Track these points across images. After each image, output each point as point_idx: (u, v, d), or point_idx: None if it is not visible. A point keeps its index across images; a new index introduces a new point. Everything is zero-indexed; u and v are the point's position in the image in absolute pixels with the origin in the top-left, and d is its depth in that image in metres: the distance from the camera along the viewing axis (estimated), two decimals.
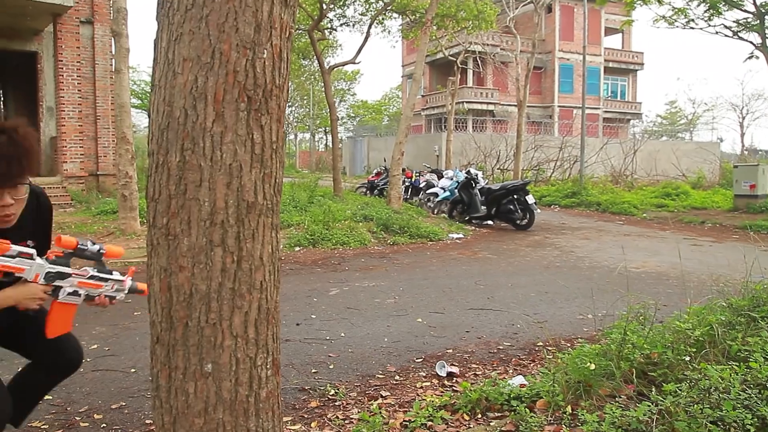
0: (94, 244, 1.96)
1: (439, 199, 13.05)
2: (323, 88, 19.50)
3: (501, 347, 4.27)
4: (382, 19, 18.05)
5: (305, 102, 46.46)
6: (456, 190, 12.42)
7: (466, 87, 32.29)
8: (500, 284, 6.40)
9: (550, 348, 3.98)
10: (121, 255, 2.08)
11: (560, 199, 16.52)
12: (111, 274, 2.07)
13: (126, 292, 2.14)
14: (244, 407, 0.78)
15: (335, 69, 24.56)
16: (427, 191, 13.95)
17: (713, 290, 3.96)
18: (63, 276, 1.93)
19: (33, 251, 1.85)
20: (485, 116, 31.92)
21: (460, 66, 23.37)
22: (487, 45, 27.81)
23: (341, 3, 16.87)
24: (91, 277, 2.02)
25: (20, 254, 1.82)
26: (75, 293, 1.97)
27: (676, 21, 15.85)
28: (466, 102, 31.73)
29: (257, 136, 0.77)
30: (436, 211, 13.13)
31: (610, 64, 36.51)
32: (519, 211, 11.45)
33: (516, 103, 22.02)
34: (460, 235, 10.40)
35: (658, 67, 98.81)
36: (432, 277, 6.81)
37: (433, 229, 10.18)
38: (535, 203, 11.51)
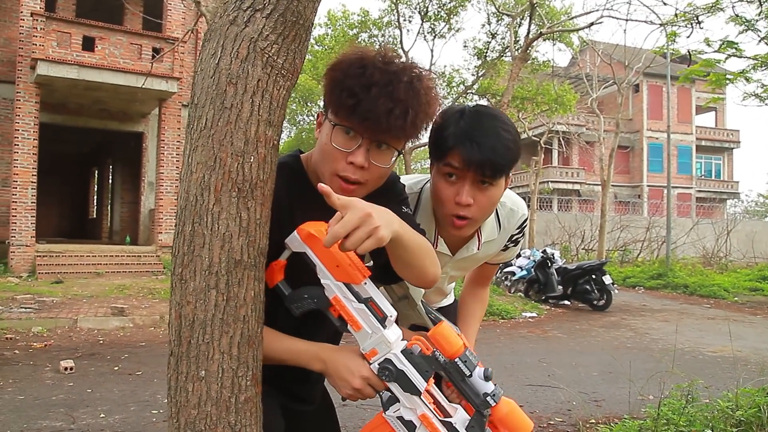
0: (486, 370, 1.16)
1: (515, 278, 13.04)
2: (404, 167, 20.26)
3: (552, 422, 4.32)
4: (463, 101, 18.81)
5: None
6: (532, 269, 12.41)
7: (550, 166, 32.28)
8: (564, 363, 6.38)
9: (600, 426, 4.00)
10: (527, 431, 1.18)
11: (645, 281, 15.91)
12: None
13: None
14: (226, 405, 1.09)
15: (417, 149, 25.44)
16: (504, 270, 13.96)
17: None
18: (407, 385, 1.14)
19: (392, 312, 1.17)
20: (571, 195, 31.56)
21: (543, 146, 23.52)
22: (572, 125, 27.89)
23: None
24: (449, 428, 1.14)
25: (370, 302, 1.15)
26: (410, 426, 1.16)
27: (767, 99, 15.50)
28: (551, 181, 31.62)
29: (244, 215, 1.11)
30: (512, 290, 13.10)
31: (703, 143, 35.29)
32: (595, 291, 11.27)
33: (600, 183, 21.79)
34: (534, 314, 10.34)
35: (759, 143, 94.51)
36: (496, 353, 6.88)
37: (505, 308, 10.20)
38: (612, 283, 11.30)
